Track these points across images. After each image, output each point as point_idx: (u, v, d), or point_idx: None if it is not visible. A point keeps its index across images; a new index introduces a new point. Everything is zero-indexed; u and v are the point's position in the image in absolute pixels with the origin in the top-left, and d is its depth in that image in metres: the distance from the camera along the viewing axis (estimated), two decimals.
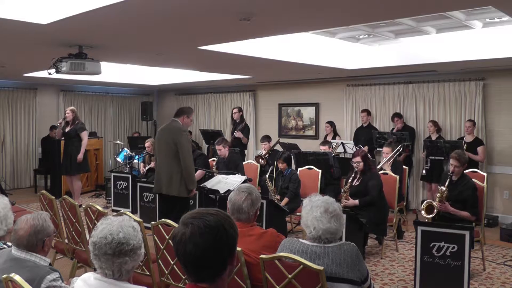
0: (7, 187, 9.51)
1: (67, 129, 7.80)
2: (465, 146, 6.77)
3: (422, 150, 7.59)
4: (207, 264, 1.49)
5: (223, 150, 6.77)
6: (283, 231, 5.12)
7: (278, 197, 5.91)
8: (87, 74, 5.29)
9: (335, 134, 8.53)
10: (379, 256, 5.41)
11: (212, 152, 8.50)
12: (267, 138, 7.83)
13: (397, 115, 7.89)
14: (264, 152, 7.69)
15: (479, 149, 6.82)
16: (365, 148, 7.38)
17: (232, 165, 6.69)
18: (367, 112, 8.23)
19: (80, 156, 7.70)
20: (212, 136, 8.88)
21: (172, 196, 4.94)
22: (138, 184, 6.82)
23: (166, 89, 12.07)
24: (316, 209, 2.46)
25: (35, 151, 10.37)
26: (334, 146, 7.57)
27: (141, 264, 3.29)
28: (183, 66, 7.76)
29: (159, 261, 3.24)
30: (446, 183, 4.69)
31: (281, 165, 6.10)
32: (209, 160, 7.35)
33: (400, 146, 6.64)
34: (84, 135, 7.83)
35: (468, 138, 6.95)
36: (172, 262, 3.10)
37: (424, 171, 7.17)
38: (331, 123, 8.59)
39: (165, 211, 5.01)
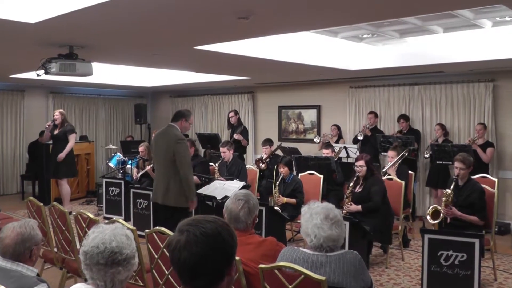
0: None
1: (55, 132, 7.90)
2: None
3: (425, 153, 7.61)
4: (202, 273, 1.49)
5: (227, 153, 6.77)
6: (282, 239, 5.11)
7: (278, 208, 5.88)
8: (78, 76, 5.29)
9: (339, 138, 8.56)
10: (384, 265, 5.41)
11: (209, 157, 8.50)
12: (268, 142, 7.84)
13: (403, 117, 7.93)
14: (265, 156, 7.69)
15: (488, 150, 6.88)
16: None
17: (235, 169, 6.70)
18: (375, 114, 8.25)
19: (62, 155, 7.73)
20: (208, 140, 8.88)
21: (170, 206, 4.94)
22: (132, 190, 6.81)
23: (161, 91, 12.08)
24: (316, 216, 2.47)
25: (22, 155, 10.35)
26: (336, 150, 7.57)
27: (134, 274, 3.29)
28: (178, 67, 7.78)
29: (153, 271, 3.23)
30: (451, 187, 4.70)
31: (282, 170, 6.10)
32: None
33: (405, 150, 6.66)
34: (72, 138, 7.90)
35: (479, 141, 6.98)
36: (167, 272, 3.10)
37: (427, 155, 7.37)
38: (337, 127, 8.62)
39: (162, 221, 5.00)
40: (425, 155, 7.43)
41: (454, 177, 4.80)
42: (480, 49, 5.95)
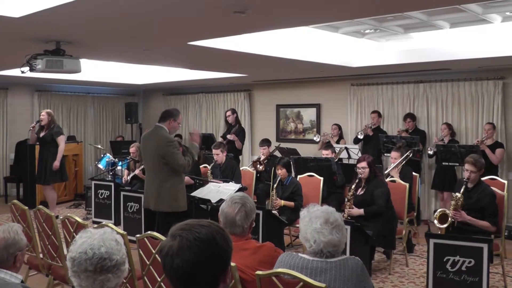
0: None
1: (42, 134, 7.77)
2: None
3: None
4: (196, 280, 1.50)
5: (220, 155, 6.78)
6: (281, 244, 5.11)
7: (276, 211, 5.88)
8: (65, 73, 5.29)
9: (340, 138, 8.57)
10: (387, 271, 5.42)
11: (204, 158, 8.50)
12: (266, 142, 7.85)
13: (410, 116, 7.95)
14: (263, 157, 7.69)
15: (497, 151, 6.90)
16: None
17: (229, 172, 6.70)
18: (378, 114, 8.26)
19: (57, 163, 7.68)
20: (203, 140, 8.87)
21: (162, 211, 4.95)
22: (122, 193, 6.80)
23: (153, 88, 12.07)
24: (315, 220, 2.46)
25: (7, 156, 10.32)
26: (337, 151, 7.58)
27: (125, 281, 3.28)
28: (171, 63, 7.77)
29: (145, 278, 3.23)
30: (461, 190, 4.71)
31: (280, 172, 6.10)
32: (201, 166, 7.34)
33: (410, 151, 6.67)
34: (61, 140, 7.78)
35: (488, 142, 7.00)
36: (159, 279, 3.10)
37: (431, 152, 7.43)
38: (338, 126, 8.63)
39: (154, 225, 5.01)
40: (429, 152, 7.44)
41: (464, 179, 4.80)
42: (488, 45, 5.97)
